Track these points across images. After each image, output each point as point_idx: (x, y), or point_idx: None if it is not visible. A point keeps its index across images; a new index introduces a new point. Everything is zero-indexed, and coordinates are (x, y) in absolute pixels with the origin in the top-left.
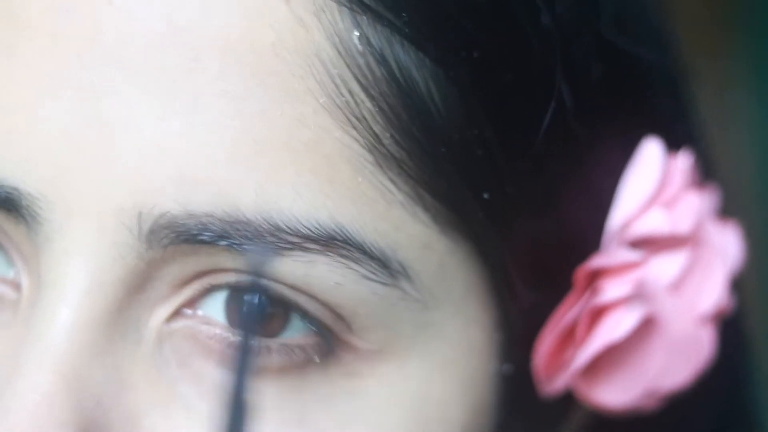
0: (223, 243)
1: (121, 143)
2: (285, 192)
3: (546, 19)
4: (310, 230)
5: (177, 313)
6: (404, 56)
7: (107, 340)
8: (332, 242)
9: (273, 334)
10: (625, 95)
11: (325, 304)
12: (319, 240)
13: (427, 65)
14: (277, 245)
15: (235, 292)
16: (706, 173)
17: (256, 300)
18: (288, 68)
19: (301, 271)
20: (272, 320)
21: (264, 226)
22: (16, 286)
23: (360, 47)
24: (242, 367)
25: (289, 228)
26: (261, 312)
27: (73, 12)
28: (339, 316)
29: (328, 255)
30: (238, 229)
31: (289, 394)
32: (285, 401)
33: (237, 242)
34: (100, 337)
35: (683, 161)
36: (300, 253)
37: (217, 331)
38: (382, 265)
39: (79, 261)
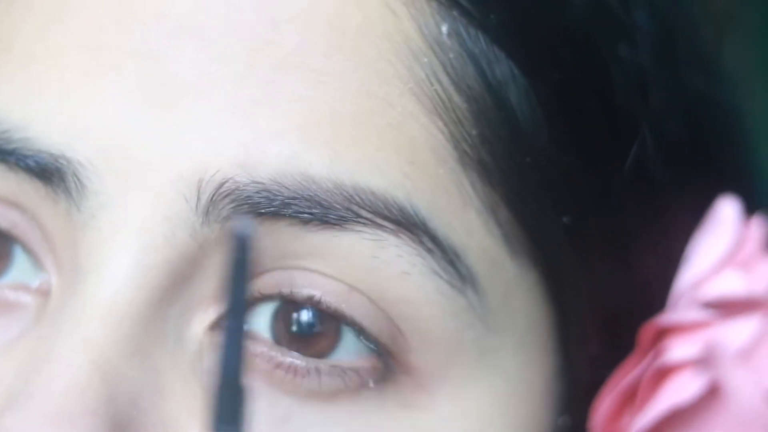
0: (287, 212)
1: (187, 108)
2: (363, 163)
3: (626, 54)
4: (385, 206)
5: (220, 324)
6: (494, 59)
7: (146, 337)
8: (406, 225)
9: (322, 354)
10: (704, 145)
11: (384, 311)
12: (392, 218)
13: (516, 74)
14: (347, 218)
15: (286, 305)
16: None
17: (304, 315)
18: (376, 51)
19: (369, 251)
20: (321, 338)
21: (336, 196)
22: (43, 293)
23: (449, 42)
24: (234, 343)
25: (362, 199)
26: (309, 329)
27: None
28: (398, 330)
29: (399, 237)
30: (306, 198)
31: (339, 424)
32: (333, 431)
33: (303, 211)
34: (139, 332)
35: (757, 225)
36: (370, 230)
37: (263, 349)
38: (451, 263)
39: (126, 240)
